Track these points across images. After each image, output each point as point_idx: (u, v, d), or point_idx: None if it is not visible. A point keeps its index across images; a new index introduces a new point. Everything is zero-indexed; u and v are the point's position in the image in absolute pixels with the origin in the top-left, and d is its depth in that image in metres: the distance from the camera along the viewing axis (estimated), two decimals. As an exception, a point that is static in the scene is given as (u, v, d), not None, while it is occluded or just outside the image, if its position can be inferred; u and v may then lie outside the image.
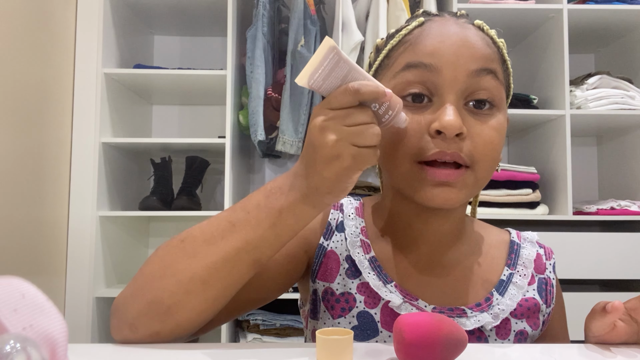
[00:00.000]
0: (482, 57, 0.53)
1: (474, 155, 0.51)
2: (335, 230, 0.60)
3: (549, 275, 0.63)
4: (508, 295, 0.58)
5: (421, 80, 0.52)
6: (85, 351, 0.50)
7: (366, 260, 0.58)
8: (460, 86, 0.52)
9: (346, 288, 0.58)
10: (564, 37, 1.70)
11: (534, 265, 0.62)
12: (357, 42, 1.68)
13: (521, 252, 0.62)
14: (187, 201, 1.81)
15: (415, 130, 0.51)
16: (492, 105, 0.53)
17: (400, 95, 0.53)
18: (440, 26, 0.54)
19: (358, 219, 0.61)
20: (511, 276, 0.60)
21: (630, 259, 1.61)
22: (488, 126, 0.52)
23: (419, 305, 0.56)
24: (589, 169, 2.14)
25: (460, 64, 0.51)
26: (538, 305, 0.60)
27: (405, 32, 0.56)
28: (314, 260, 0.60)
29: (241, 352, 0.52)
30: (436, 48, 0.52)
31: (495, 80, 0.53)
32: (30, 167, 1.49)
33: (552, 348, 0.54)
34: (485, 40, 0.55)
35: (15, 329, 0.35)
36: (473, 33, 0.54)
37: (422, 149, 0.51)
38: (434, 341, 0.45)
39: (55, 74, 1.62)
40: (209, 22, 2.05)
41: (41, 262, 1.55)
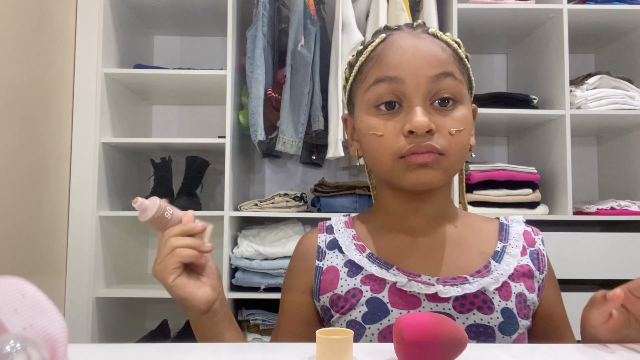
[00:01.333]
0: (438, 63, 0.61)
1: (444, 144, 0.59)
2: (326, 250, 0.68)
3: (539, 247, 0.70)
4: (504, 262, 0.64)
5: (390, 91, 0.61)
6: (85, 351, 0.50)
7: (364, 258, 0.65)
8: (424, 90, 0.60)
9: (350, 285, 0.64)
10: (564, 37, 1.70)
11: (524, 238, 0.69)
12: (357, 42, 1.68)
13: (510, 230, 0.70)
14: (187, 201, 1.81)
15: (391, 133, 0.60)
16: (454, 101, 0.61)
17: (375, 105, 0.62)
18: (400, 40, 0.63)
19: (348, 230, 0.70)
20: (504, 248, 0.67)
21: (630, 259, 1.61)
22: (453, 119, 0.60)
23: (423, 280, 0.61)
24: (589, 169, 2.14)
25: (421, 72, 0.60)
26: (532, 271, 0.66)
27: (371, 48, 0.65)
28: (313, 283, 0.67)
29: (241, 352, 0.52)
30: (398, 61, 0.61)
31: (453, 80, 0.61)
32: (30, 167, 1.49)
33: (552, 348, 0.54)
34: (440, 45, 0.63)
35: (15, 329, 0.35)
36: (428, 42, 0.62)
37: (400, 148, 0.60)
38: (434, 341, 0.45)
39: (55, 74, 1.62)
40: (209, 22, 2.05)
41: (41, 262, 1.55)
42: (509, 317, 0.61)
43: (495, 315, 0.60)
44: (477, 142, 2.17)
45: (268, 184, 2.16)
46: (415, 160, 0.59)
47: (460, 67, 0.64)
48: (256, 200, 1.75)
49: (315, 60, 1.74)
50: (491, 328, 0.60)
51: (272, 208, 1.74)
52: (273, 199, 1.75)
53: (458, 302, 0.60)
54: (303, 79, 1.72)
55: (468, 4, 1.74)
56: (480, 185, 1.71)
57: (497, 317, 0.60)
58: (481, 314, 0.60)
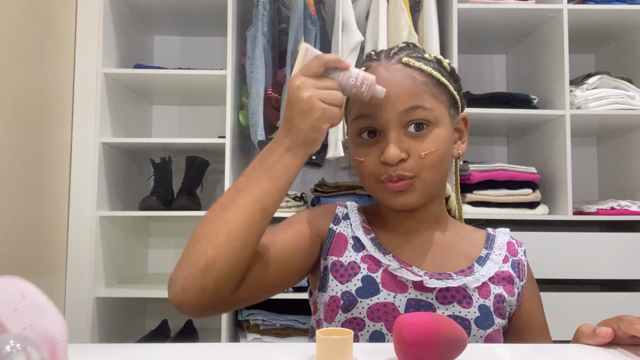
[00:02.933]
0: (407, 97, 0.67)
1: (414, 168, 0.67)
2: (342, 219, 0.75)
3: (521, 258, 0.76)
4: (486, 267, 0.72)
5: (368, 125, 0.69)
6: (85, 351, 0.50)
7: (368, 239, 0.72)
8: (395, 122, 0.67)
9: (352, 258, 0.71)
10: (564, 37, 1.70)
11: (507, 248, 0.76)
12: (357, 42, 1.68)
13: (496, 239, 0.77)
14: (187, 201, 1.81)
15: (371, 160, 0.69)
16: (427, 124, 0.68)
17: (359, 134, 0.70)
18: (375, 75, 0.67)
19: (360, 214, 0.77)
20: (488, 255, 0.74)
21: (630, 259, 1.61)
22: (425, 142, 0.67)
23: (413, 270, 0.68)
24: (589, 169, 2.14)
25: (390, 109, 0.67)
26: (512, 277, 0.73)
27: None
28: (325, 240, 0.73)
29: (241, 352, 0.52)
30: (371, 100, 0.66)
31: (424, 111, 0.67)
32: (30, 167, 1.49)
33: (552, 348, 0.54)
34: (411, 76, 0.68)
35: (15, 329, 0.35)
36: (399, 75, 0.68)
37: (377, 174, 0.68)
38: (434, 341, 0.45)
39: (55, 74, 1.62)
40: (209, 22, 2.05)
41: (41, 262, 1.55)
42: (485, 313, 0.67)
43: (472, 310, 0.67)
44: (477, 142, 2.18)
45: (268, 184, 2.16)
46: (390, 188, 0.68)
47: (434, 90, 0.69)
48: (256, 200, 1.75)
49: (315, 60, 1.74)
50: (468, 321, 0.66)
51: (272, 208, 1.74)
52: (273, 199, 1.75)
53: (441, 294, 0.67)
54: (303, 79, 1.72)
55: (468, 4, 1.74)
56: (480, 185, 1.71)
57: (475, 312, 0.67)
58: (460, 307, 0.67)
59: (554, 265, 1.61)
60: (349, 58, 1.68)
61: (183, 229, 2.17)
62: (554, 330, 0.77)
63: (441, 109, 0.69)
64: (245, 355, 0.50)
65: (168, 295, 0.59)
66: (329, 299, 0.69)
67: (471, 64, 2.20)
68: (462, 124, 0.75)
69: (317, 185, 1.85)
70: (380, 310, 0.66)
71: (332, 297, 0.69)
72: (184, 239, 2.17)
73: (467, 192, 1.72)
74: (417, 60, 0.69)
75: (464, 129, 0.76)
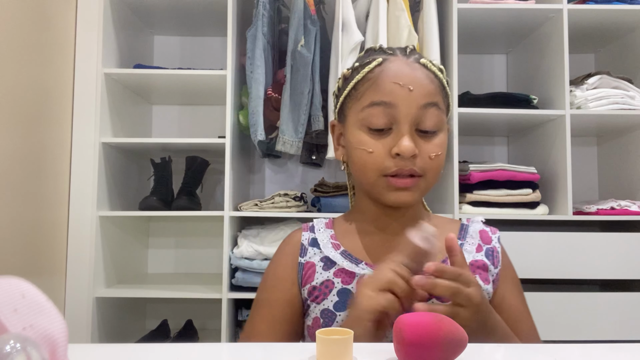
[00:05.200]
0: (427, 94, 0.69)
1: (424, 167, 0.69)
2: (308, 246, 0.76)
3: (495, 245, 0.77)
4: None
5: (383, 114, 0.68)
6: (85, 351, 0.50)
7: (338, 254, 0.74)
8: (413, 117, 0.68)
9: (324, 277, 0.72)
10: (564, 37, 1.70)
11: (480, 236, 0.77)
12: (357, 42, 1.68)
13: (469, 229, 0.79)
14: (187, 201, 1.81)
15: (380, 152, 0.68)
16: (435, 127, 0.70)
17: (368, 125, 0.69)
18: (395, 67, 0.70)
19: (328, 230, 0.78)
20: (461, 245, 0.75)
21: (630, 259, 1.61)
22: (433, 144, 0.69)
23: None
24: (589, 169, 2.14)
25: (412, 101, 0.68)
26: (486, 265, 0.74)
27: (367, 69, 0.71)
28: (298, 275, 0.75)
29: (241, 352, 0.52)
30: (393, 88, 0.68)
31: (438, 110, 0.70)
32: (30, 167, 1.49)
33: (553, 348, 0.54)
34: (430, 76, 0.71)
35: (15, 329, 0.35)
36: (420, 72, 0.70)
37: (386, 167, 0.68)
38: (434, 341, 0.45)
39: (55, 74, 1.62)
40: (209, 22, 2.05)
41: (41, 262, 1.55)
42: None
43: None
44: (477, 142, 2.18)
45: (268, 184, 2.16)
46: (396, 183, 0.68)
47: (443, 95, 0.72)
48: (256, 200, 1.75)
49: (315, 60, 1.74)
50: None
51: (272, 208, 1.74)
52: (273, 199, 1.75)
53: None
54: (303, 79, 1.72)
55: (468, 4, 1.74)
56: (480, 185, 1.71)
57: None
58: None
59: (554, 265, 1.61)
60: (349, 58, 1.68)
61: (183, 229, 2.17)
62: (553, 330, 0.77)
63: (445, 114, 0.72)
64: (245, 355, 0.50)
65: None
66: (312, 322, 0.72)
67: (471, 64, 2.20)
68: None
69: (317, 185, 1.85)
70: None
71: (314, 319, 0.72)
72: (184, 239, 2.17)
73: (467, 192, 1.72)
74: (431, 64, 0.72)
75: None
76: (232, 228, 1.73)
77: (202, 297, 1.67)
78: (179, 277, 2.01)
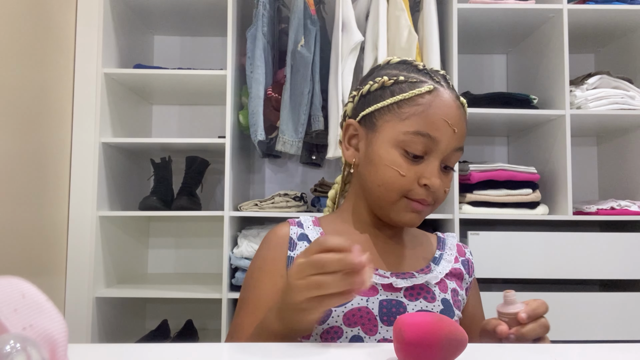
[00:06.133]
0: (462, 137, 0.73)
1: (438, 198, 0.74)
2: (297, 241, 0.77)
3: (469, 257, 0.85)
4: (441, 265, 0.80)
5: (424, 144, 0.71)
6: (85, 351, 0.50)
7: None
8: (446, 156, 0.73)
9: None
10: (564, 37, 1.70)
11: (457, 250, 0.84)
12: (357, 42, 1.68)
13: (446, 242, 0.86)
14: (187, 201, 1.81)
15: (411, 178, 0.71)
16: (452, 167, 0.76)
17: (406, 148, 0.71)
18: (446, 103, 0.72)
19: (316, 228, 0.79)
20: (442, 255, 0.82)
21: (630, 259, 1.61)
22: (448, 179, 0.75)
23: (380, 273, 0.73)
24: (589, 169, 2.14)
25: (452, 142, 0.72)
26: (462, 274, 0.81)
27: (417, 92, 0.72)
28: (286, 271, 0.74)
29: (241, 352, 0.52)
30: (442, 124, 0.71)
31: (460, 152, 0.75)
32: (30, 167, 1.49)
33: (552, 348, 0.54)
34: (464, 118, 0.75)
35: (15, 329, 0.35)
36: (462, 114, 0.74)
37: (412, 192, 0.72)
38: (434, 341, 0.45)
39: (55, 74, 1.62)
40: (209, 22, 2.05)
41: (41, 262, 1.55)
42: (447, 306, 0.74)
43: (437, 303, 0.73)
44: (477, 142, 2.18)
45: (268, 184, 2.16)
46: (416, 208, 0.73)
47: None
48: (256, 200, 1.75)
49: (315, 60, 1.74)
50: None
51: (272, 208, 1.74)
52: (273, 199, 1.75)
53: (408, 292, 0.73)
54: (303, 79, 1.72)
55: (468, 4, 1.74)
56: (480, 185, 1.71)
57: (439, 305, 0.74)
58: (426, 302, 0.73)
59: (554, 265, 1.61)
60: (348, 58, 1.68)
61: (183, 229, 2.17)
62: (553, 330, 0.77)
63: None
64: (245, 355, 0.50)
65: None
66: None
67: (471, 64, 2.20)
68: None
69: (317, 185, 1.85)
70: (355, 316, 0.69)
71: None
72: (184, 239, 2.17)
73: (467, 192, 1.72)
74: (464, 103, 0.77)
75: None
76: (232, 228, 1.73)
77: (202, 297, 1.67)
78: (179, 277, 2.01)
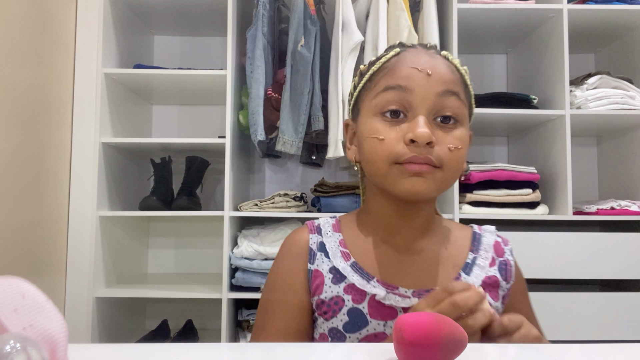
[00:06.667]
0: (447, 81, 0.64)
1: (442, 159, 0.62)
2: (317, 252, 0.71)
3: (508, 257, 0.73)
4: (473, 275, 0.69)
5: (398, 99, 0.63)
6: (85, 351, 0.50)
7: (348, 267, 0.68)
8: (430, 104, 0.62)
9: (334, 293, 0.67)
10: (564, 37, 1.70)
11: (494, 250, 0.73)
12: (357, 42, 1.68)
13: (482, 240, 0.74)
14: (187, 201, 1.81)
15: (392, 139, 0.62)
16: (455, 121, 0.64)
17: (381, 111, 0.64)
18: (413, 55, 0.66)
19: (336, 234, 0.72)
20: (475, 259, 0.71)
21: (630, 259, 1.61)
22: (452, 136, 0.63)
23: (400, 293, 0.66)
24: (589, 169, 2.14)
25: (430, 86, 0.62)
26: (498, 281, 0.70)
27: (384, 59, 0.67)
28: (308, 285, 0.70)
29: (241, 352, 0.52)
30: (410, 73, 0.63)
31: (458, 101, 0.64)
32: (30, 167, 1.49)
33: (552, 348, 0.54)
34: (450, 67, 0.66)
35: (15, 329, 0.35)
36: (440, 62, 0.65)
37: (399, 154, 0.62)
38: (434, 341, 0.45)
39: (55, 74, 1.62)
40: (209, 22, 2.05)
41: (41, 262, 1.55)
42: None
43: None
44: (477, 142, 2.18)
45: (268, 184, 2.16)
46: (411, 168, 0.61)
47: (464, 91, 0.67)
48: (256, 200, 1.75)
49: (315, 60, 1.74)
50: None
51: (272, 208, 1.74)
52: (273, 199, 1.75)
53: None
54: (303, 79, 1.72)
55: (468, 4, 1.74)
56: (480, 185, 1.71)
57: None
58: None
59: (554, 265, 1.61)
60: (348, 58, 1.68)
61: (183, 229, 2.17)
62: (553, 330, 0.76)
63: (466, 111, 0.67)
64: (245, 355, 0.50)
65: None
66: (318, 337, 0.69)
67: (471, 64, 2.20)
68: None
69: (317, 185, 1.85)
70: (371, 342, 0.64)
71: (320, 335, 0.68)
72: (184, 239, 2.17)
73: (467, 192, 1.72)
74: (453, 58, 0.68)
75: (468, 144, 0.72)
76: (232, 228, 1.73)
77: (202, 297, 1.67)
78: (179, 277, 2.01)
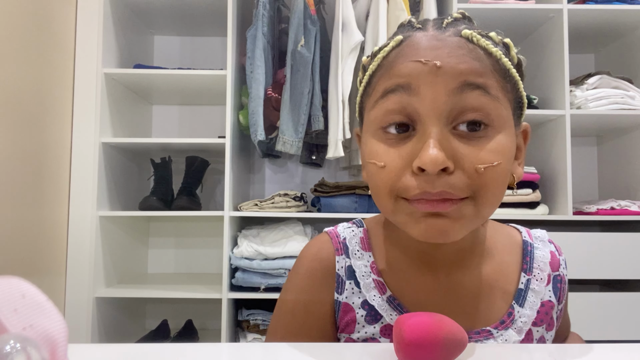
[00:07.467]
0: (464, 72, 0.45)
1: (470, 185, 0.45)
2: (345, 280, 0.56)
3: (563, 272, 0.61)
4: (528, 305, 0.56)
5: (401, 106, 0.46)
6: (85, 351, 0.50)
7: (385, 302, 0.55)
8: (443, 108, 0.45)
9: (368, 334, 0.56)
10: (564, 37, 1.70)
11: (550, 266, 0.60)
12: (357, 42, 1.68)
13: (535, 254, 0.59)
14: (187, 201, 1.81)
15: (396, 166, 0.46)
16: (486, 126, 0.46)
17: (382, 125, 0.48)
18: (419, 42, 0.47)
19: (365, 255, 0.57)
20: (528, 283, 0.57)
21: (630, 259, 1.61)
22: (484, 149, 0.45)
23: None
24: (589, 169, 2.14)
25: (439, 82, 0.45)
26: (553, 305, 0.58)
27: (383, 54, 0.50)
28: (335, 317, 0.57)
29: (241, 352, 0.52)
30: (412, 67, 0.46)
31: (485, 97, 0.45)
32: (30, 167, 1.49)
33: (552, 348, 0.54)
34: (474, 52, 0.46)
35: (15, 329, 0.35)
36: (456, 46, 0.46)
37: (406, 188, 0.46)
38: (434, 341, 0.45)
39: (55, 74, 1.62)
40: (209, 22, 2.05)
41: (41, 262, 1.55)
42: None
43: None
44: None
45: (268, 184, 2.16)
46: (422, 208, 0.45)
47: (501, 81, 0.47)
48: (256, 200, 1.75)
49: (315, 60, 1.75)
50: None
51: (272, 208, 1.74)
52: (273, 199, 1.75)
53: None
54: (303, 79, 1.72)
55: (468, 4, 1.74)
56: (480, 185, 1.71)
57: None
58: None
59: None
60: (348, 58, 1.68)
61: (183, 229, 2.17)
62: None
63: (507, 109, 0.48)
64: (245, 355, 0.50)
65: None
66: None
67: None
68: (521, 137, 0.53)
69: (317, 185, 1.85)
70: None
71: None
72: (184, 239, 2.17)
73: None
74: (483, 37, 0.48)
75: (522, 145, 0.53)
76: (232, 228, 1.73)
77: (202, 297, 1.67)
78: (179, 277, 2.01)
